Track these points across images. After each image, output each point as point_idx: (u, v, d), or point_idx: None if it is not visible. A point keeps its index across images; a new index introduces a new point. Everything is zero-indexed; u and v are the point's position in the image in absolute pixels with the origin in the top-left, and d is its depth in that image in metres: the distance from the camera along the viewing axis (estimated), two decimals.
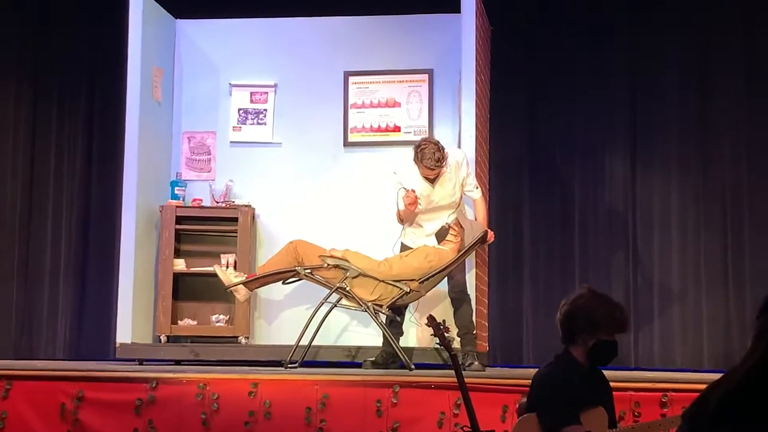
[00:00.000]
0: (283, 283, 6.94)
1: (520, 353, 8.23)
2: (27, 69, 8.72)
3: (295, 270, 6.70)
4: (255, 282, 6.84)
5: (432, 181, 6.68)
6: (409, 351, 6.70)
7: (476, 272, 7.05)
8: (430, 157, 6.50)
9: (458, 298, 6.73)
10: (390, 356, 6.66)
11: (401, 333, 6.87)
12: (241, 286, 6.78)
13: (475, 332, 6.71)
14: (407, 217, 6.77)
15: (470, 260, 6.92)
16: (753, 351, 2.51)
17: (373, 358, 6.72)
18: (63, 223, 8.56)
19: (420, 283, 6.54)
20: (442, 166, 6.58)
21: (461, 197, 6.84)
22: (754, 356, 2.49)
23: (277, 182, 7.87)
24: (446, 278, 6.75)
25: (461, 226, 6.67)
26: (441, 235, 6.74)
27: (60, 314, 8.45)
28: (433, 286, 6.73)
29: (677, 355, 8.02)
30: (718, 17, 8.22)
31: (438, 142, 6.63)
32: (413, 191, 6.55)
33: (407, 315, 6.97)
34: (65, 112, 8.69)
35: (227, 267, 7.13)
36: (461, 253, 6.63)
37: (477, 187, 6.84)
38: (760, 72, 8.12)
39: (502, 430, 5.20)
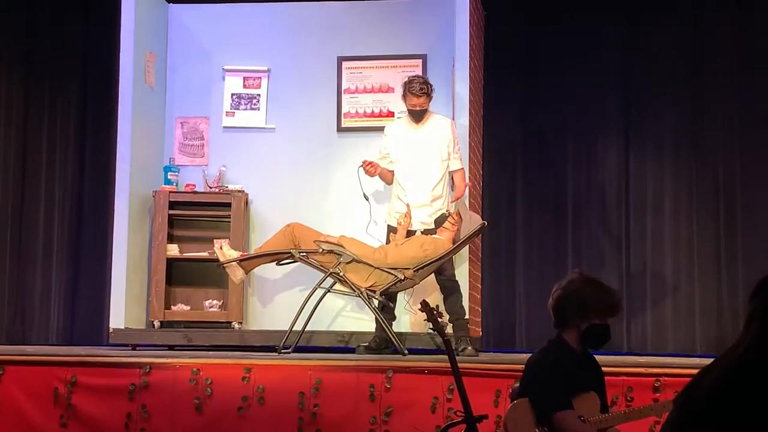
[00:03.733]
0: (277, 264, 6.95)
1: (512, 338, 8.25)
2: (18, 54, 8.67)
3: (290, 252, 6.72)
4: (250, 262, 6.85)
5: (417, 120, 6.89)
6: (402, 336, 6.70)
7: (469, 258, 7.07)
8: (417, 83, 6.85)
9: (447, 285, 6.76)
10: (383, 341, 6.67)
11: (393, 318, 6.88)
12: (238, 267, 6.78)
13: (467, 317, 6.73)
14: (385, 180, 7.10)
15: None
16: (744, 336, 2.52)
17: (366, 344, 6.74)
18: (56, 209, 8.54)
19: (414, 271, 6.56)
20: (429, 95, 6.85)
21: (447, 168, 6.89)
22: (744, 342, 2.50)
23: (271, 167, 7.86)
24: None
25: (460, 217, 6.68)
26: (439, 221, 6.76)
27: (53, 299, 8.44)
28: (428, 275, 6.74)
29: (670, 340, 8.04)
30: (712, 3, 8.20)
31: (425, 77, 7.03)
32: (370, 163, 6.89)
33: (402, 302, 6.99)
34: (58, 98, 8.65)
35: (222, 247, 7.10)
36: (457, 244, 6.64)
37: (459, 159, 6.96)
38: (753, 56, 8.11)
39: (495, 415, 5.21)
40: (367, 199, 7.03)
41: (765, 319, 2.50)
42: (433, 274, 6.78)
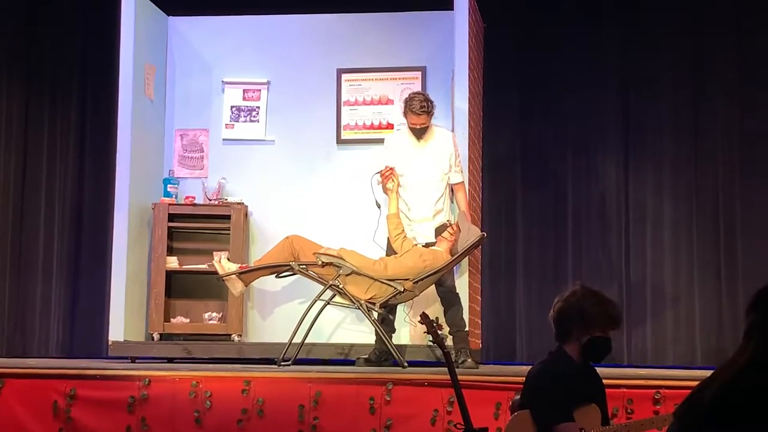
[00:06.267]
0: (276, 276, 6.94)
1: (513, 350, 8.23)
2: (19, 66, 8.69)
3: (290, 265, 6.71)
4: (249, 274, 6.84)
5: (419, 137, 6.85)
6: (402, 348, 6.70)
7: (469, 270, 7.06)
8: (418, 101, 6.79)
9: (448, 297, 6.75)
10: (383, 354, 6.66)
11: (393, 330, 6.87)
12: (238, 280, 6.77)
13: (467, 329, 6.72)
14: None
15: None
16: (743, 349, 2.51)
17: (366, 356, 6.72)
18: (56, 221, 8.54)
19: (414, 283, 6.55)
20: (430, 113, 6.80)
21: (448, 181, 6.88)
22: (744, 354, 2.49)
23: (270, 180, 7.86)
24: None
25: (459, 228, 6.68)
26: (440, 231, 6.75)
27: (53, 312, 8.43)
28: (427, 287, 6.73)
29: (670, 352, 8.03)
30: (710, 14, 8.21)
31: (426, 94, 6.94)
32: (391, 169, 6.80)
33: (402, 314, 6.98)
34: (57, 110, 8.66)
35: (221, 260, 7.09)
36: (456, 256, 6.64)
37: (461, 172, 6.93)
38: (752, 69, 8.13)
39: (496, 428, 5.20)
40: (378, 207, 7.00)
41: (765, 331, 2.50)
42: (433, 286, 6.77)
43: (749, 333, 2.53)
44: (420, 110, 6.77)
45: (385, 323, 6.74)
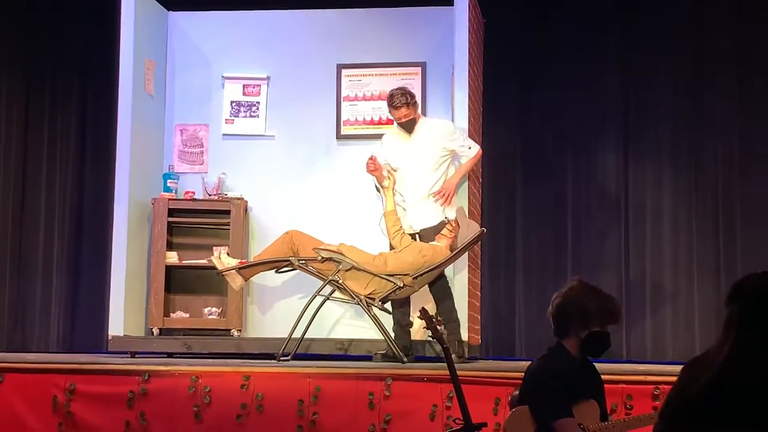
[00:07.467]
0: (276, 272, 6.95)
1: (512, 346, 8.24)
2: (18, 62, 8.69)
3: (289, 260, 6.71)
4: (249, 269, 6.84)
5: (409, 130, 6.89)
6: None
7: (469, 265, 7.06)
8: (395, 96, 6.84)
9: (439, 292, 6.75)
10: (403, 349, 6.60)
11: (410, 324, 6.83)
12: (237, 275, 6.77)
13: (457, 321, 6.70)
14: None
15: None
16: (723, 342, 2.50)
17: (383, 351, 6.67)
18: (56, 216, 8.55)
19: (414, 278, 6.55)
20: (408, 104, 6.80)
21: (446, 170, 6.88)
22: (724, 348, 2.48)
23: (270, 175, 7.86)
24: None
25: (458, 224, 6.68)
26: (439, 228, 6.75)
27: (53, 307, 8.44)
28: (426, 282, 6.73)
29: (669, 348, 8.03)
30: (711, 13, 8.21)
31: (404, 88, 6.99)
32: (372, 160, 6.84)
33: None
34: (57, 105, 8.66)
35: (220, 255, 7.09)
36: (455, 252, 6.64)
37: (470, 147, 6.93)
38: (752, 67, 8.12)
39: (494, 423, 5.21)
40: (379, 192, 7.01)
41: (746, 322, 2.49)
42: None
43: (728, 325, 2.52)
44: (399, 103, 6.81)
45: (404, 320, 6.73)
